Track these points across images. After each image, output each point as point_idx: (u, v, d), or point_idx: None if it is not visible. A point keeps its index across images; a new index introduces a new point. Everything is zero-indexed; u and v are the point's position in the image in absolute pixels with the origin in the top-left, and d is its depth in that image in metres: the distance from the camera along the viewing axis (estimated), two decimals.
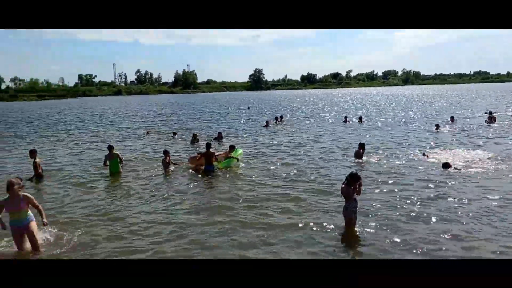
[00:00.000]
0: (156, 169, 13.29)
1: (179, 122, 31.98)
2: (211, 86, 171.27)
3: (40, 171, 12.01)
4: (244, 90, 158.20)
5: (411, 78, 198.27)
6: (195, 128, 26.03)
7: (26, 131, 27.83)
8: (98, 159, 14.93)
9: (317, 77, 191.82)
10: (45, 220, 6.84)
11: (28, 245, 6.80)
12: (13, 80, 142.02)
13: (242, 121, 30.89)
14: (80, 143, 20.69)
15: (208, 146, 12.91)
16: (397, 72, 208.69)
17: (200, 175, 12.24)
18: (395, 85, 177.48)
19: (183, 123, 30.92)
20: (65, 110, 54.46)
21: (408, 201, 9.03)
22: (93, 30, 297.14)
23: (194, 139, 18.88)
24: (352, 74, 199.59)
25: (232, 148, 13.90)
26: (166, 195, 10.30)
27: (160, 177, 12.39)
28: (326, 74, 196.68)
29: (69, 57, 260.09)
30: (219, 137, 19.56)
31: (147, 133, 23.46)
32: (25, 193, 6.85)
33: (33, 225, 6.82)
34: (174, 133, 22.29)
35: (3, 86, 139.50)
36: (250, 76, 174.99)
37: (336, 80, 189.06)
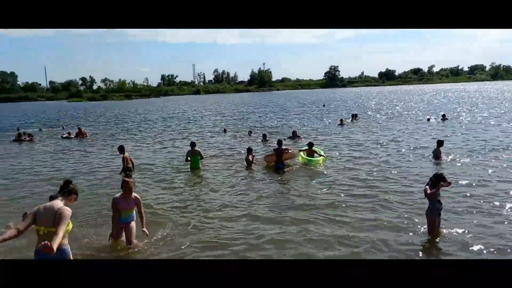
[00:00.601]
0: (234, 166, 13.69)
1: (254, 120, 32.57)
2: (285, 84, 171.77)
3: (130, 165, 12.94)
4: (319, 88, 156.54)
5: (500, 72, 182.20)
6: (270, 127, 26.37)
7: (114, 129, 30.12)
8: (179, 155, 15.79)
9: (396, 73, 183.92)
10: (145, 229, 6.83)
11: (123, 238, 7.08)
12: (103, 81, 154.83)
13: (316, 119, 30.64)
14: (163, 140, 21.96)
15: (279, 143, 13.02)
16: (485, 66, 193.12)
17: (277, 174, 12.34)
18: (482, 80, 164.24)
19: (258, 121, 31.42)
20: (149, 108, 58.05)
21: (492, 204, 8.45)
22: (174, 33, 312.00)
23: (264, 139, 19.04)
24: (435, 69, 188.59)
25: (311, 145, 13.88)
26: (245, 191, 10.57)
27: (239, 173, 12.70)
28: (406, 70, 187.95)
29: (153, 59, 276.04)
30: (293, 136, 19.60)
31: (225, 131, 24.19)
32: (136, 195, 6.98)
33: (134, 224, 7.02)
34: (250, 132, 22.73)
35: (95, 87, 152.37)
36: (326, 73, 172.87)
37: (417, 76, 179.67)
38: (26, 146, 21.11)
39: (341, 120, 25.87)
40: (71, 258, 4.85)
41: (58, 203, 4.66)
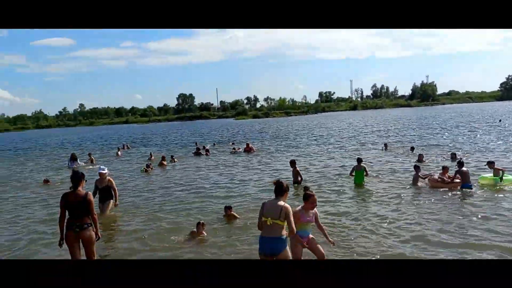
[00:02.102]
0: (399, 183, 13.38)
1: (414, 136, 30.87)
2: (452, 97, 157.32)
3: (300, 178, 13.75)
4: (494, 100, 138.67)
5: None
6: (434, 145, 24.71)
7: (277, 143, 32.08)
8: (342, 168, 16.11)
9: None
10: (330, 239, 6.83)
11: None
12: (266, 99, 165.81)
13: (491, 136, 27.42)
14: (325, 154, 22.59)
15: (461, 164, 12.20)
16: None
17: (463, 195, 11.52)
18: None
19: (419, 138, 29.67)
20: (308, 124, 59.96)
21: None
22: (331, 49, 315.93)
23: (420, 160, 17.65)
24: None
25: (491, 163, 12.64)
26: (413, 212, 10.27)
27: (406, 191, 12.34)
28: None
29: (311, 76, 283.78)
30: (452, 157, 17.87)
31: (385, 147, 23.56)
32: (315, 210, 6.77)
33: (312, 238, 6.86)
34: (412, 148, 21.73)
35: (258, 105, 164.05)
36: (502, 84, 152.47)
37: None
38: (204, 159, 24.11)
39: None
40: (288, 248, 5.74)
41: (281, 201, 5.69)
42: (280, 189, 5.78)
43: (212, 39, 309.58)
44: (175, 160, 22.91)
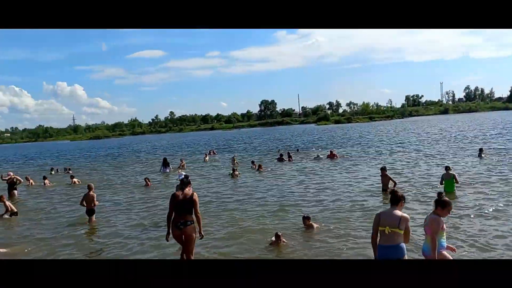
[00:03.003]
0: (496, 193, 12.53)
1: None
2: None
3: (394, 184, 13.58)
4: None
5: None
6: None
7: (361, 150, 31.41)
8: (429, 175, 15.46)
9: None
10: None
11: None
12: (348, 104, 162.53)
13: None
14: (412, 161, 21.74)
15: None
16: None
17: None
18: None
19: None
20: (393, 130, 57.68)
21: None
22: (419, 51, 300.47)
23: None
24: None
25: None
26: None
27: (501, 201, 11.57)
28: None
29: (396, 80, 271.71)
30: None
31: (480, 153, 21.96)
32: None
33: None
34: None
35: (340, 110, 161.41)
36: None
37: None
38: (287, 165, 24.40)
39: None
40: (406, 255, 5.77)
41: (397, 210, 5.77)
42: (395, 198, 5.85)
43: (293, 46, 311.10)
44: (259, 166, 23.40)
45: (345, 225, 10.15)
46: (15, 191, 17.94)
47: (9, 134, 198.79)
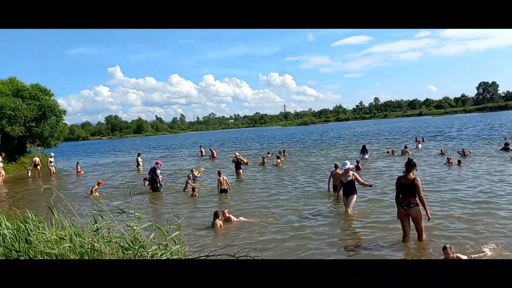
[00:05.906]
0: None
1: None
2: None
3: None
4: None
5: None
6: None
7: None
8: None
9: None
10: None
11: None
12: None
13: None
14: None
15: None
16: None
17: None
18: None
19: None
20: None
21: None
22: None
23: None
24: None
25: None
26: None
27: None
28: None
29: None
30: None
31: None
32: None
33: None
34: None
35: None
36: None
37: None
38: None
39: None
40: None
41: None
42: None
43: None
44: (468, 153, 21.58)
45: None
46: (240, 170, 20.46)
47: (232, 121, 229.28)
